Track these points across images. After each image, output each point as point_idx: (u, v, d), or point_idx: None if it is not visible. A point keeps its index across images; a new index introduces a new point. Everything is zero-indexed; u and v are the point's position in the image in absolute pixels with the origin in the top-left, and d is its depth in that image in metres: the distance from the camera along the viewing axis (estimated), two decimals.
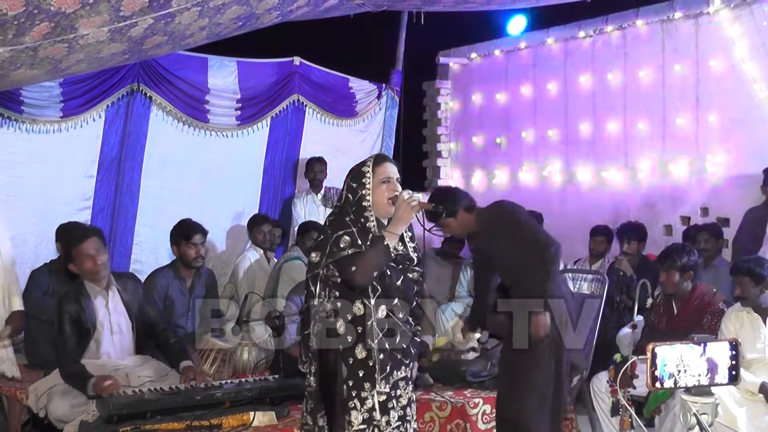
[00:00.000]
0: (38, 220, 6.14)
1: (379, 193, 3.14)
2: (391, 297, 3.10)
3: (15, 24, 3.33)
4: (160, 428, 3.58)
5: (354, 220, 3.12)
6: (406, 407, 3.13)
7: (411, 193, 3.11)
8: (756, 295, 4.29)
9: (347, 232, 3.08)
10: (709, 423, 2.78)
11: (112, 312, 4.38)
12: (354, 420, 3.05)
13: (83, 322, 4.27)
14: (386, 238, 3.06)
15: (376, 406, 3.04)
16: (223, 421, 3.68)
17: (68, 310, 4.25)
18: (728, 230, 6.47)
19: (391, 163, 3.24)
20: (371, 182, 3.15)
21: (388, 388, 3.07)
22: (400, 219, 3.08)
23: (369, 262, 3.05)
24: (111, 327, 4.37)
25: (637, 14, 7.45)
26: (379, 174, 3.16)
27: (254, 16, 4.50)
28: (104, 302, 4.37)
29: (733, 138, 6.79)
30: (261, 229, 6.55)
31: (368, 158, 3.25)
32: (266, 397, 3.91)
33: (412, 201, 3.06)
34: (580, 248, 7.09)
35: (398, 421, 3.09)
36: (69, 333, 4.23)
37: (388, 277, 3.10)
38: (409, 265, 3.20)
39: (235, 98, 7.23)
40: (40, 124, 6.18)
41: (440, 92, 9.24)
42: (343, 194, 3.22)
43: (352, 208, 3.15)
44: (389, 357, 3.07)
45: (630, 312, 5.36)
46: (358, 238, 3.06)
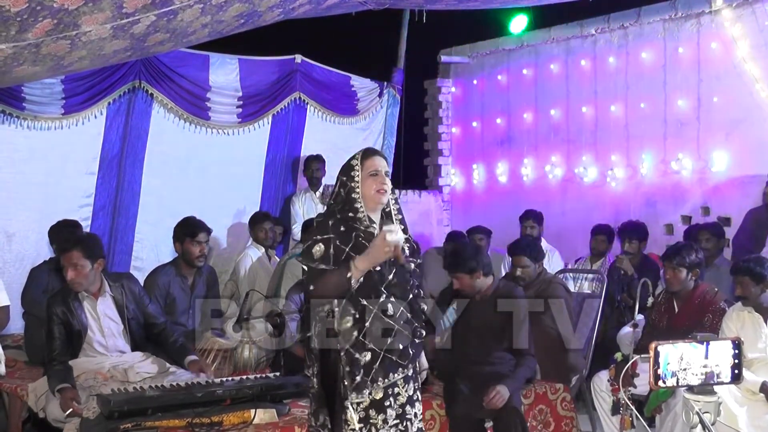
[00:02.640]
0: (39, 217, 6.13)
1: (367, 186, 3.13)
2: (379, 296, 3.05)
3: (18, 20, 3.33)
4: (161, 425, 3.58)
5: (341, 218, 3.12)
6: (405, 405, 3.11)
7: (392, 232, 3.02)
8: (757, 295, 4.28)
9: (324, 239, 3.06)
10: (711, 422, 2.77)
11: (102, 316, 4.38)
12: (350, 419, 3.04)
13: (72, 324, 4.28)
14: (350, 272, 3.01)
15: (371, 405, 3.04)
16: (224, 418, 3.68)
17: (56, 312, 4.27)
18: (729, 229, 6.48)
19: (379, 156, 3.22)
20: (360, 175, 3.15)
21: (382, 387, 3.05)
22: (370, 257, 3.02)
23: (326, 289, 3.04)
24: (102, 330, 4.37)
25: (639, 13, 7.45)
26: (368, 167, 3.15)
27: (256, 13, 4.50)
28: (93, 306, 4.37)
29: (734, 137, 6.79)
30: (262, 227, 6.55)
31: (357, 152, 3.25)
32: (267, 395, 3.90)
33: (386, 246, 2.99)
34: (581, 247, 7.10)
35: (396, 419, 3.08)
36: (57, 334, 4.25)
37: (377, 274, 3.05)
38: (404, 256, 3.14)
39: (236, 96, 7.23)
40: (42, 121, 6.18)
41: (441, 91, 9.25)
42: (335, 190, 3.23)
43: (338, 206, 3.15)
44: (383, 358, 3.05)
45: (631, 311, 5.36)
46: (331, 249, 3.04)
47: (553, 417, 4.62)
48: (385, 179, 3.16)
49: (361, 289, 3.05)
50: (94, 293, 4.39)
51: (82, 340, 4.32)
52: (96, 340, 4.36)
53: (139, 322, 4.50)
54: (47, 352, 4.26)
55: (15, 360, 5.09)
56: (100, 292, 4.40)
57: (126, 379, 4.15)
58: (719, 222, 6.48)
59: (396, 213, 3.24)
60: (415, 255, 3.24)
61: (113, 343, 4.41)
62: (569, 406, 4.70)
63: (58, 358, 4.20)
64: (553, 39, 8.19)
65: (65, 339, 4.26)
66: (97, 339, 4.36)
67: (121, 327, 4.44)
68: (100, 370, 4.23)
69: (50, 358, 4.21)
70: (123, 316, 4.43)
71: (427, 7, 6.55)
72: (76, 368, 4.21)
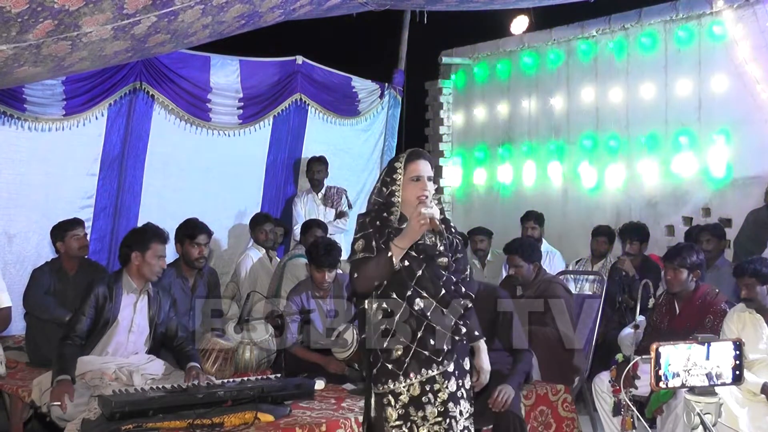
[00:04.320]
0: (40, 218, 6.13)
1: (409, 191, 3.09)
2: (406, 291, 3.04)
3: (18, 21, 3.33)
4: (162, 426, 3.58)
5: (376, 216, 3.11)
6: (448, 402, 3.06)
7: (429, 207, 3.01)
8: (763, 296, 4.27)
9: (364, 234, 3.09)
10: (712, 423, 2.77)
11: (138, 312, 4.39)
12: (390, 416, 3.06)
13: (105, 309, 4.27)
14: (391, 251, 3.00)
15: (410, 402, 3.04)
16: (225, 419, 3.68)
17: (98, 292, 4.27)
18: (730, 231, 6.47)
19: (424, 160, 3.15)
20: (402, 179, 3.11)
21: (418, 383, 3.04)
22: (407, 234, 3.02)
23: (369, 272, 3.04)
24: (131, 326, 4.38)
25: (640, 15, 7.45)
26: (410, 171, 3.11)
27: (257, 14, 4.50)
28: (134, 300, 4.39)
29: (735, 138, 6.79)
30: (263, 228, 6.55)
31: (402, 153, 3.20)
32: (268, 396, 3.90)
33: (422, 219, 2.98)
34: (581, 248, 7.10)
35: (438, 416, 3.05)
36: (87, 312, 4.24)
37: (405, 269, 3.04)
38: (437, 255, 3.12)
39: (237, 97, 7.23)
40: (43, 122, 6.18)
41: (443, 92, 9.25)
42: (377, 186, 3.20)
43: (375, 206, 3.15)
44: (415, 353, 3.04)
45: (632, 312, 5.36)
46: (372, 241, 3.05)
47: (554, 418, 4.62)
48: (427, 185, 3.10)
49: (390, 284, 3.06)
50: (140, 289, 4.42)
51: (106, 329, 4.31)
52: (119, 334, 4.34)
53: (163, 331, 4.51)
54: (68, 326, 4.25)
55: (16, 361, 5.09)
56: (143, 290, 4.43)
57: (131, 383, 4.14)
58: (720, 223, 6.47)
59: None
60: (455, 251, 3.18)
61: (134, 342, 4.40)
62: (570, 407, 4.70)
63: (74, 338, 4.19)
64: (554, 40, 8.19)
65: (91, 322, 4.26)
66: (121, 332, 4.34)
67: (147, 331, 4.44)
68: (106, 370, 4.22)
69: (68, 334, 4.20)
70: (151, 322, 4.44)
71: (428, 7, 6.55)
72: (83, 366, 4.20)
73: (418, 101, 9.21)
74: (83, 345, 4.25)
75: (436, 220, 3.00)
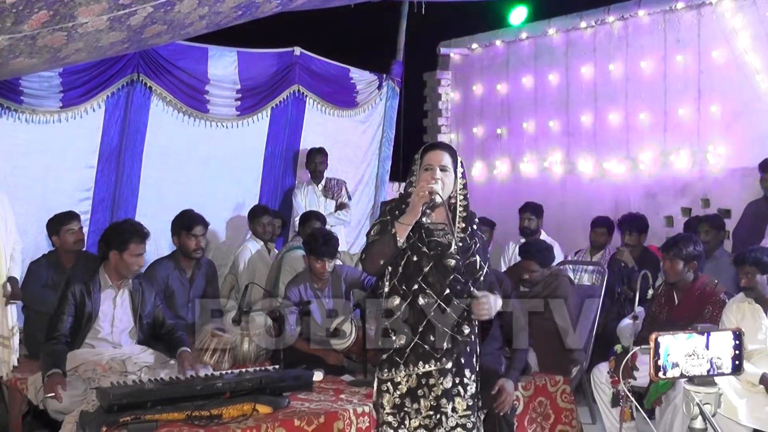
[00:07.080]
0: (38, 211, 6.11)
1: (422, 180, 3.11)
2: (411, 286, 3.07)
3: (13, 12, 3.31)
4: (161, 418, 3.58)
5: (395, 206, 3.15)
6: (441, 398, 3.08)
7: (431, 183, 3.02)
8: (763, 285, 4.27)
9: (382, 221, 3.14)
10: (711, 413, 2.76)
11: (118, 306, 4.40)
12: (386, 403, 3.10)
13: (85, 305, 4.28)
14: (394, 228, 3.03)
15: (407, 393, 3.08)
16: (224, 411, 3.67)
17: (74, 290, 4.28)
18: (729, 221, 6.47)
19: (438, 150, 3.19)
20: (419, 169, 3.16)
21: (415, 375, 3.07)
22: (410, 208, 3.05)
23: (374, 251, 3.09)
24: (113, 320, 4.38)
25: (639, 4, 7.42)
26: (425, 161, 3.16)
27: (254, 5, 4.47)
28: (113, 295, 4.39)
29: (734, 129, 6.77)
30: (261, 221, 6.54)
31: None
32: (266, 388, 3.90)
33: (420, 191, 3.01)
34: (580, 239, 7.08)
35: (430, 410, 3.08)
36: (66, 312, 4.26)
37: (413, 264, 3.06)
38: (448, 254, 3.09)
39: (235, 88, 7.20)
40: (40, 114, 6.16)
41: (441, 83, 9.22)
42: (408, 179, 3.24)
43: (399, 196, 3.18)
44: (416, 345, 3.07)
45: (631, 303, 5.36)
46: (387, 226, 3.09)
47: (553, 409, 4.62)
48: (437, 173, 3.09)
49: (400, 277, 3.10)
50: (118, 284, 4.41)
51: (90, 325, 4.32)
52: (102, 329, 4.36)
53: (150, 322, 4.52)
54: (50, 327, 4.26)
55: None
56: (122, 285, 4.42)
57: (124, 369, 4.16)
58: (719, 214, 6.47)
59: (461, 210, 3.17)
60: (470, 253, 3.14)
61: (118, 336, 4.42)
62: (569, 398, 4.70)
63: (59, 337, 4.20)
64: (553, 30, 8.16)
65: (73, 319, 4.27)
66: (104, 328, 4.36)
67: (131, 325, 4.44)
68: (99, 361, 4.23)
69: (52, 334, 4.21)
70: (135, 315, 4.44)
71: None
72: (76, 359, 4.21)
73: (416, 92, 9.18)
74: (69, 342, 4.26)
75: (435, 195, 3.01)
